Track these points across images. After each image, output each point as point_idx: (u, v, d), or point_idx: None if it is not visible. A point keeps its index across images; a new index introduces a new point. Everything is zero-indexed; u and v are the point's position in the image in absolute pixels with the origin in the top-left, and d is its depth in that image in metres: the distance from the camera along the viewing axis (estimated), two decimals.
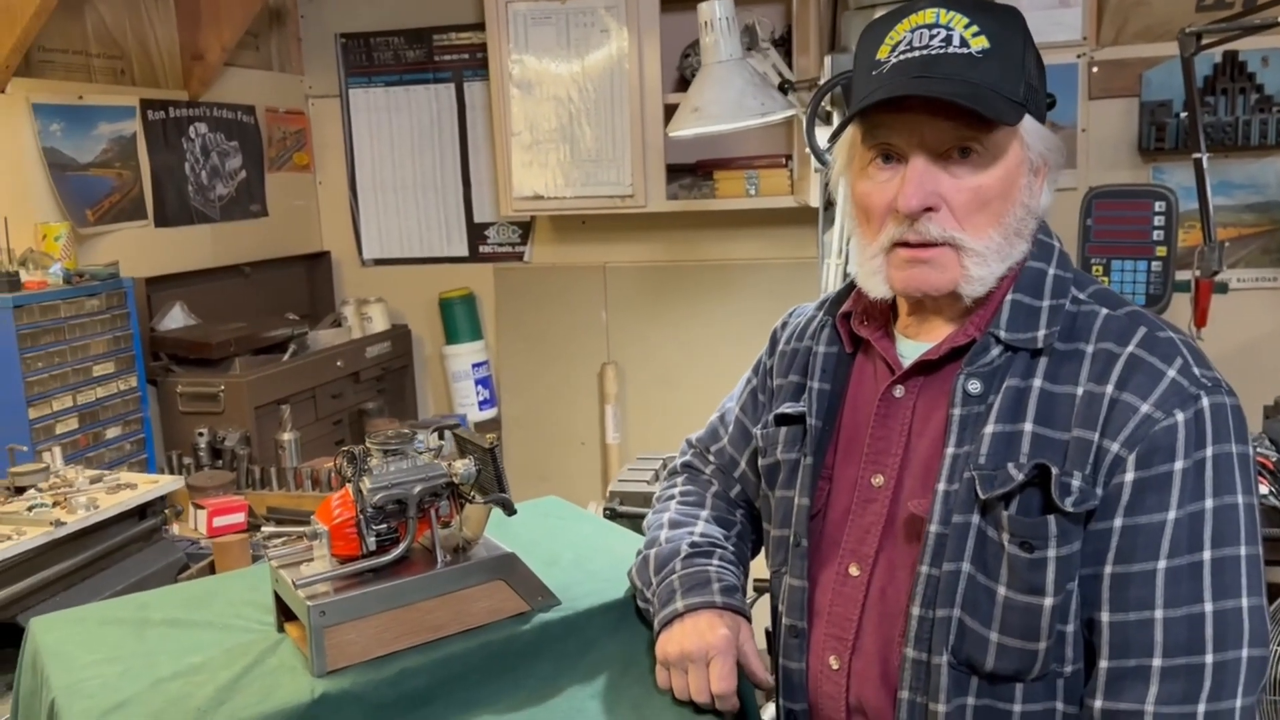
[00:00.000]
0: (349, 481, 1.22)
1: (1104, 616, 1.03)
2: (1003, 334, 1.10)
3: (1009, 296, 1.11)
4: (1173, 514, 1.00)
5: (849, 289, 1.25)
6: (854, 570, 1.15)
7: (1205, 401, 1.02)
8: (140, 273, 3.23)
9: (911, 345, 1.18)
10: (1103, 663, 1.03)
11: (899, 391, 1.16)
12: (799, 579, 1.19)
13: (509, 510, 1.23)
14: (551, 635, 1.26)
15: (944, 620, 1.06)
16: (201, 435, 3.11)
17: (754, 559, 1.39)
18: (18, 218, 2.86)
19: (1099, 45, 3.42)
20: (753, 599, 1.82)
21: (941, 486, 1.08)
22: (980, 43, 1.06)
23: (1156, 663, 1.00)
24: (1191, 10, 3.32)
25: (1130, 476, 1.01)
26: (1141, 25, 3.38)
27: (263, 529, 1.35)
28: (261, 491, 2.93)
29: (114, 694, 1.14)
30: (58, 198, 3.04)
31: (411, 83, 4.20)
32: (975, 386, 1.09)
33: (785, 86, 2.63)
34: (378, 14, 4.17)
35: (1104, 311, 1.10)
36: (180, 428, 3.23)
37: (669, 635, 1.20)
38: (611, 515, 2.23)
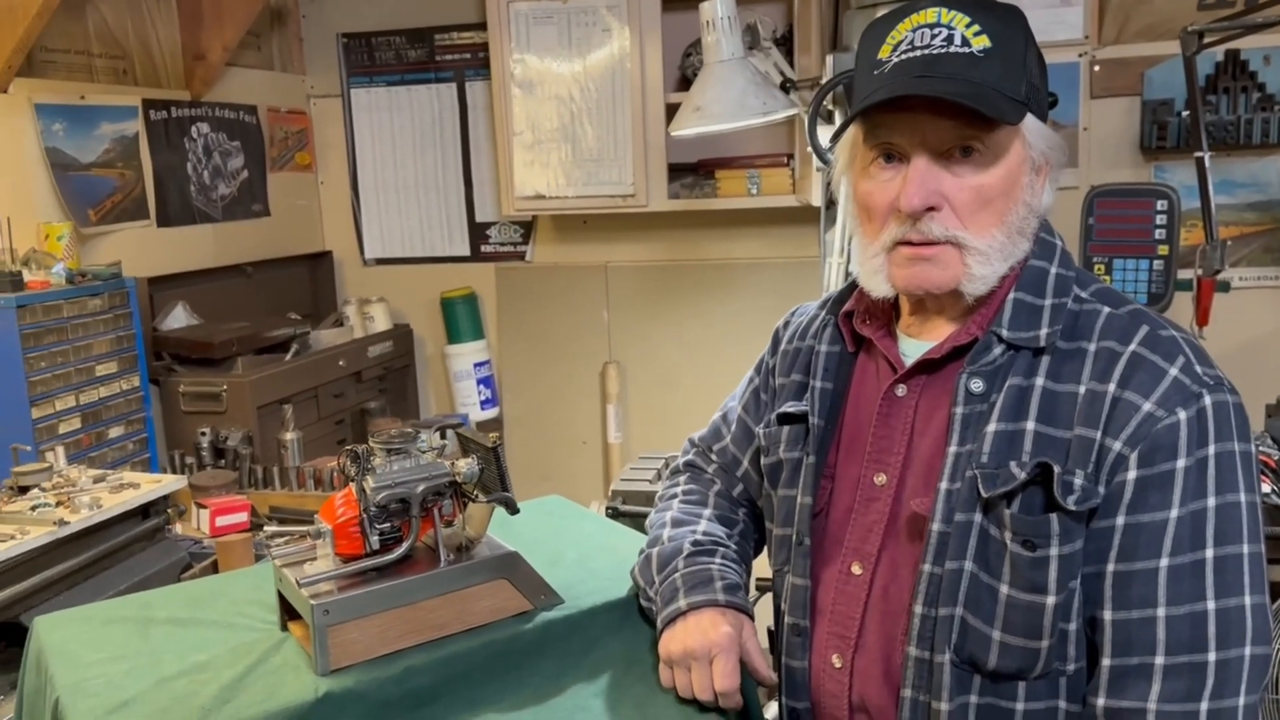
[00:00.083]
0: (353, 480, 1.22)
1: (1106, 615, 1.03)
2: (1005, 333, 1.10)
3: (1011, 295, 1.11)
4: (1175, 512, 1.00)
5: (851, 288, 1.25)
6: (856, 569, 1.16)
7: (1208, 400, 1.02)
8: (142, 272, 3.23)
9: (914, 344, 1.18)
10: (1105, 661, 1.03)
11: (901, 390, 1.16)
12: (802, 578, 1.20)
13: (512, 509, 1.24)
14: (554, 634, 1.26)
15: (946, 619, 1.06)
16: (204, 435, 3.11)
17: (756, 558, 1.39)
18: (20, 218, 2.87)
19: (1100, 44, 3.42)
20: (755, 598, 1.83)
21: (944, 485, 1.08)
22: (982, 42, 1.06)
23: (1159, 661, 1.00)
24: (1193, 9, 3.32)
25: (1132, 475, 1.01)
26: (1143, 24, 3.38)
27: (265, 528, 1.35)
28: (264, 491, 2.93)
29: (118, 692, 1.14)
30: (60, 198, 3.04)
31: (413, 82, 4.20)
32: (977, 385, 1.09)
33: (787, 86, 2.63)
34: (379, 14, 4.17)
35: (1106, 310, 1.10)
36: (182, 427, 3.24)
37: (672, 633, 1.20)
38: (614, 514, 2.23)
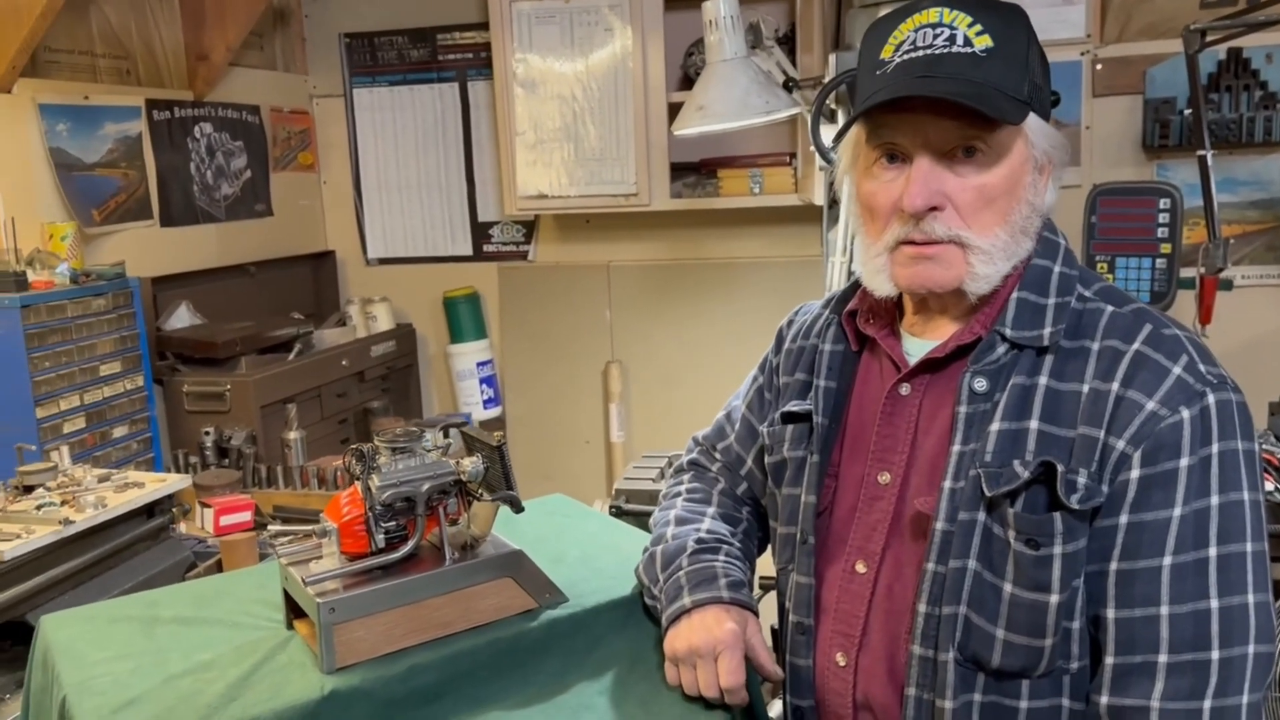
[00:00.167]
0: (358, 479, 1.22)
1: (1109, 613, 1.03)
2: (1008, 332, 1.10)
3: (1015, 294, 1.11)
4: (1178, 510, 1.00)
5: (854, 287, 1.26)
6: (861, 567, 1.16)
7: (1211, 398, 1.02)
8: (146, 272, 3.24)
9: (917, 343, 1.18)
10: (1109, 659, 1.04)
11: (905, 389, 1.16)
12: (806, 576, 1.20)
13: (517, 508, 1.24)
14: (559, 632, 1.26)
15: (950, 617, 1.07)
16: (208, 434, 3.12)
17: (760, 556, 1.39)
18: (24, 218, 2.87)
19: (1103, 42, 3.42)
20: (758, 596, 1.83)
21: (948, 484, 1.08)
22: (984, 41, 1.06)
23: (1162, 659, 1.00)
24: (1195, 7, 3.32)
25: (1136, 473, 1.02)
26: (1145, 22, 3.38)
27: (269, 527, 1.36)
28: (268, 490, 2.93)
29: (125, 691, 1.15)
30: (64, 198, 3.05)
31: (416, 82, 4.21)
32: (981, 384, 1.09)
33: (789, 85, 2.63)
34: (381, 14, 4.18)
35: (1109, 309, 1.10)
36: (186, 427, 3.24)
37: (677, 631, 1.20)
38: (617, 514, 2.23)
